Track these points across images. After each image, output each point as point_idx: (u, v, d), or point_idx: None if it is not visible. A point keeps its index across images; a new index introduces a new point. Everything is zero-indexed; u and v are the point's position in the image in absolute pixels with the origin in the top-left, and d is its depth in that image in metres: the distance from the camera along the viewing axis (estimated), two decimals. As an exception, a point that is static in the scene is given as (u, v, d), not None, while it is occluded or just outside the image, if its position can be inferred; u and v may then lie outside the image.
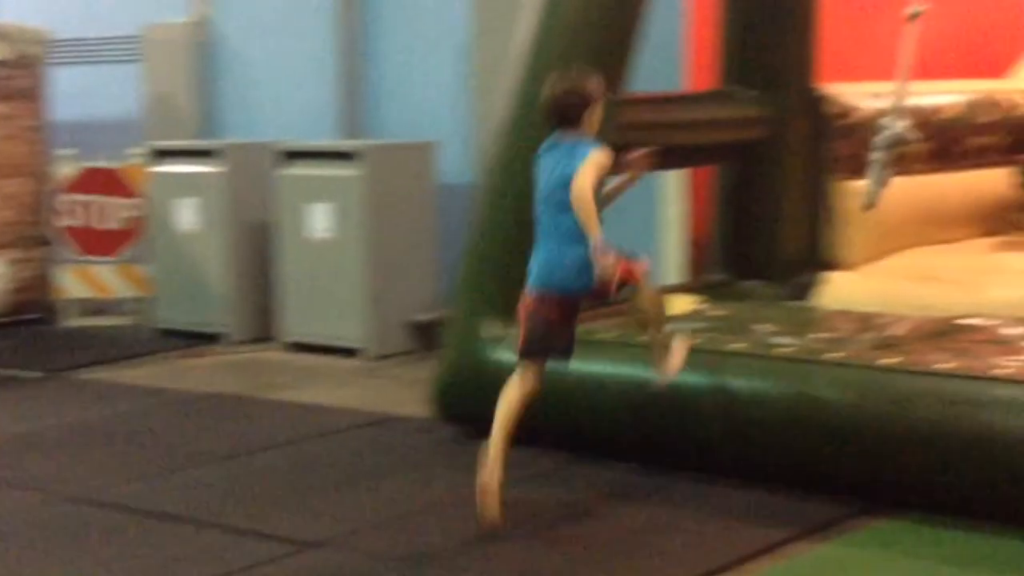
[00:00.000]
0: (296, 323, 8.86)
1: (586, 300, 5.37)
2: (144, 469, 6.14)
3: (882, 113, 6.49)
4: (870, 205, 6.39)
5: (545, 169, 5.37)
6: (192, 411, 7.34)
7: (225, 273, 9.18)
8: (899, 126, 6.33)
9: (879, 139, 6.31)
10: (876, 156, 6.29)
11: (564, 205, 5.15)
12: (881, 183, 6.29)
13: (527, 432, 6.18)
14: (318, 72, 9.91)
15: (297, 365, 8.47)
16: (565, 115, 5.34)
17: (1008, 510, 5.04)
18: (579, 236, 5.10)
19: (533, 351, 5.34)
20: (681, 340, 5.53)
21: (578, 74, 5.43)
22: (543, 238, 5.34)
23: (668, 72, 8.14)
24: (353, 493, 5.71)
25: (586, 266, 5.12)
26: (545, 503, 5.50)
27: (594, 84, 5.38)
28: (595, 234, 5.03)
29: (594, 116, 5.37)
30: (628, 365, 6.00)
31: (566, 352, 5.44)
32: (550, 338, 5.34)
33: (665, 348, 5.50)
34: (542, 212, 5.35)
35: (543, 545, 5.03)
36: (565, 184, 5.15)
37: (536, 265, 5.35)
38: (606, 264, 5.03)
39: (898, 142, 6.44)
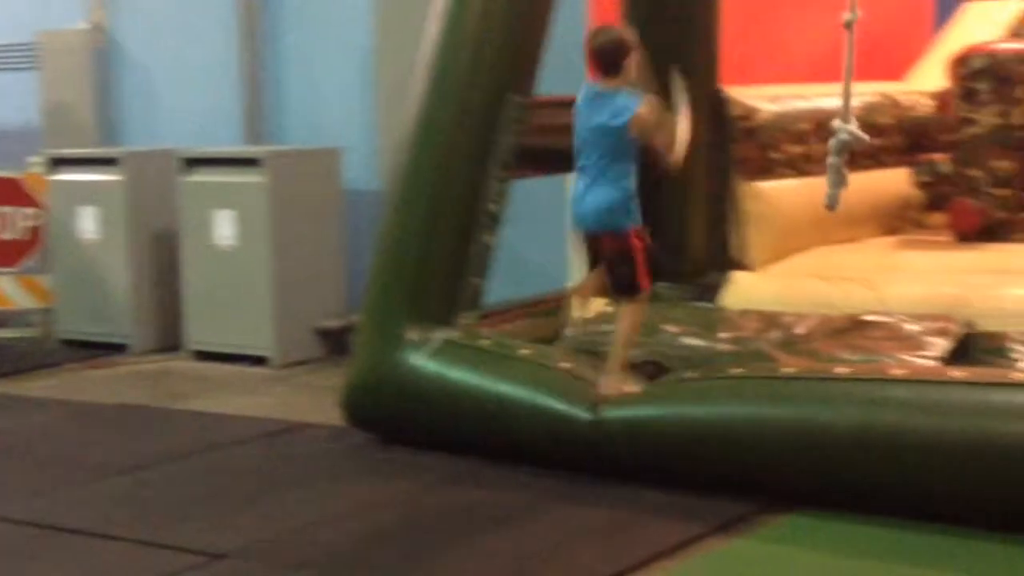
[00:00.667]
0: (203, 332, 8.78)
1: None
2: (48, 483, 6.04)
3: (831, 117, 6.83)
4: (831, 207, 6.71)
5: (585, 115, 5.84)
6: (97, 423, 7.24)
7: (129, 282, 9.07)
8: (848, 128, 6.59)
9: (832, 143, 6.58)
10: (831, 160, 6.57)
11: (609, 149, 5.71)
12: (838, 185, 6.58)
13: (441, 436, 6.22)
14: (220, 78, 9.82)
15: (204, 374, 8.39)
16: (607, 64, 5.80)
17: (905, 504, 5.14)
18: (621, 178, 5.78)
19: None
20: (635, 384, 5.82)
21: (617, 27, 6.04)
22: (578, 180, 5.88)
23: (577, 76, 8.17)
24: (262, 502, 5.66)
25: (610, 208, 5.77)
26: (457, 507, 5.49)
27: (631, 35, 5.92)
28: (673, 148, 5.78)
29: (632, 64, 5.83)
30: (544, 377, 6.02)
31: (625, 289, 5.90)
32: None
33: (618, 364, 5.81)
34: (587, 157, 5.83)
35: (455, 551, 5.02)
36: (609, 130, 5.71)
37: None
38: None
39: (849, 144, 6.67)
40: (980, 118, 7.77)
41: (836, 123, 6.51)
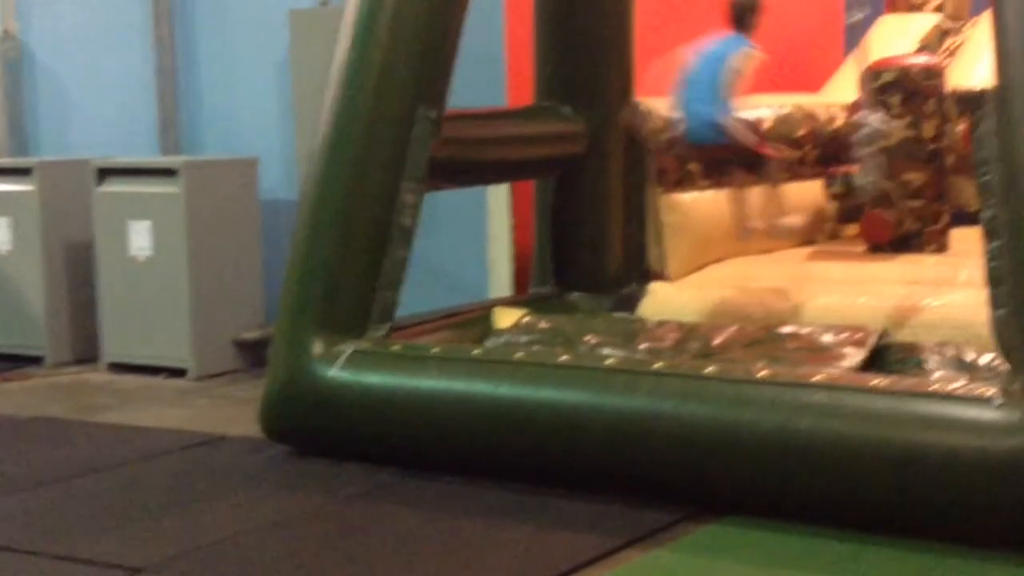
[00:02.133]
0: (119, 344, 8.69)
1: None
2: (-38, 498, 5.95)
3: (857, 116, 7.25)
4: (867, 194, 7.60)
5: (710, 47, 7.48)
6: (10, 436, 7.13)
7: (43, 294, 8.96)
8: (874, 120, 6.91)
9: (860, 135, 6.85)
10: (862, 152, 6.85)
11: (715, 79, 7.36)
12: (874, 174, 6.91)
13: (359, 446, 6.21)
14: (135, 87, 9.72)
15: (121, 386, 8.30)
16: (740, 18, 7.47)
17: (829, 511, 5.20)
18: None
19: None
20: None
21: None
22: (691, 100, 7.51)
23: (492, 89, 8.22)
24: (179, 516, 5.61)
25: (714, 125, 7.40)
26: (377, 518, 5.48)
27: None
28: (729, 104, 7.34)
29: (756, 21, 7.51)
30: (459, 380, 6.04)
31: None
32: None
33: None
34: (699, 81, 7.43)
35: (369, 565, 5.00)
36: (719, 66, 7.34)
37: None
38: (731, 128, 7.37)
39: (878, 135, 6.93)
40: (889, 130, 7.91)
41: (860, 116, 7.09)
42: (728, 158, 7.50)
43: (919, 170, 8.22)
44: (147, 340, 8.57)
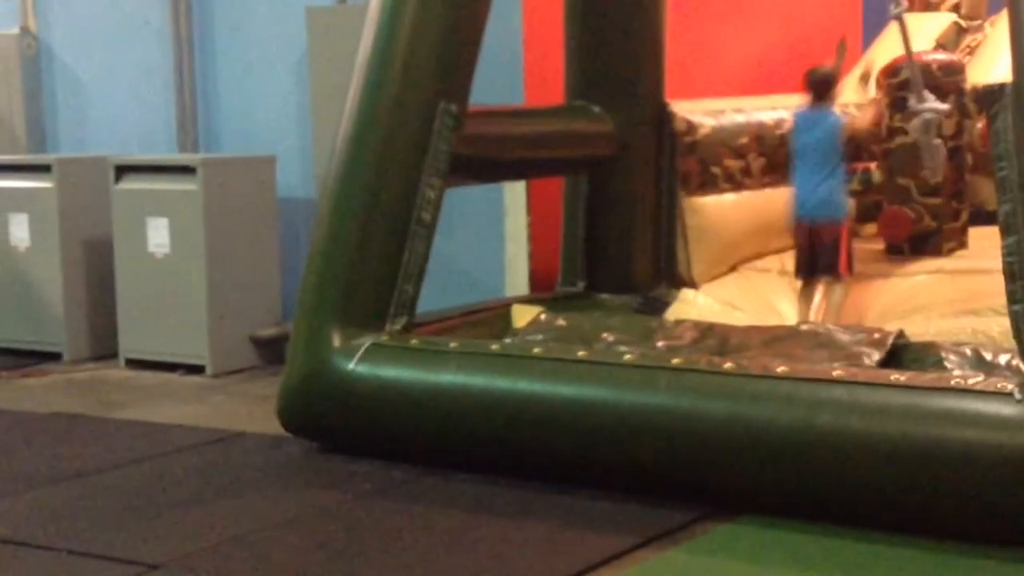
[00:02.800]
0: (137, 340, 8.70)
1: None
2: (-21, 493, 5.97)
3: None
4: (936, 178, 7.56)
5: (802, 130, 7.54)
6: (31, 432, 7.15)
7: (62, 290, 8.98)
8: (927, 104, 6.97)
9: (916, 123, 6.96)
10: (921, 139, 7.17)
11: (823, 156, 7.36)
12: (938, 158, 7.24)
13: (377, 442, 6.22)
14: (153, 85, 9.74)
15: (138, 383, 8.32)
16: (821, 91, 7.49)
17: (846, 510, 5.19)
18: (825, 177, 7.36)
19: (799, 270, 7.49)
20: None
21: (827, 66, 7.63)
22: (799, 181, 7.48)
23: (511, 87, 8.22)
24: (197, 512, 5.62)
25: (829, 201, 7.39)
26: (394, 515, 5.48)
27: (836, 71, 7.66)
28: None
29: (836, 93, 7.69)
30: (477, 375, 6.03)
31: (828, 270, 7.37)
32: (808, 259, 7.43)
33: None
34: (804, 164, 7.44)
35: (389, 563, 5.00)
36: (821, 142, 7.38)
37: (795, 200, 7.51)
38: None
39: (934, 119, 7.01)
40: (910, 127, 7.88)
41: (913, 103, 7.17)
42: (831, 243, 7.36)
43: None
44: (165, 336, 8.58)
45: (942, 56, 8.55)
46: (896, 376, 5.33)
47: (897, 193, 8.18)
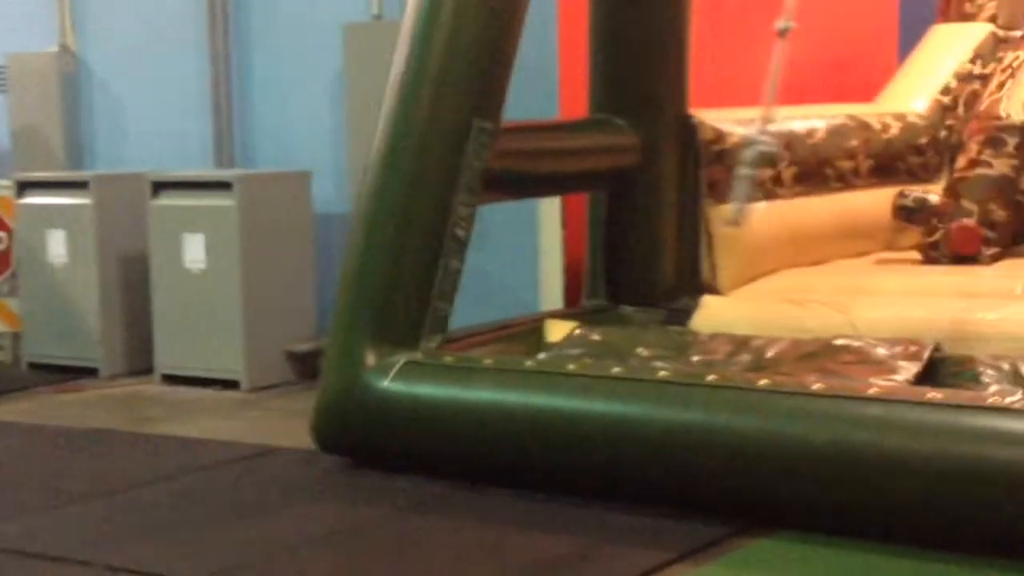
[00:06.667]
0: (173, 356, 8.75)
1: None
2: (20, 507, 6.00)
3: (748, 131, 6.73)
4: (735, 222, 6.57)
5: None
6: (68, 447, 7.19)
7: (98, 306, 9.04)
8: (766, 143, 6.46)
9: (746, 155, 6.45)
10: (743, 172, 6.43)
11: None
12: (747, 200, 6.42)
13: (412, 458, 6.22)
14: (189, 101, 9.80)
15: (175, 398, 8.36)
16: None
17: (879, 527, 5.15)
18: None
19: None
20: None
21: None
22: None
23: (545, 101, 8.23)
24: (231, 528, 5.63)
25: None
26: (429, 531, 5.48)
27: None
28: None
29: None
30: (514, 392, 6.03)
31: None
32: None
33: None
34: None
35: (423, 575, 5.00)
36: None
37: None
38: None
39: (765, 159, 6.59)
40: (996, 163, 7.95)
41: (753, 132, 6.42)
42: None
43: (1004, 208, 8.19)
44: (200, 352, 8.62)
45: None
46: (933, 394, 5.30)
47: (957, 214, 8.19)
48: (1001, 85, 8.96)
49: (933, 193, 8.52)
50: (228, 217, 8.51)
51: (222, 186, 8.59)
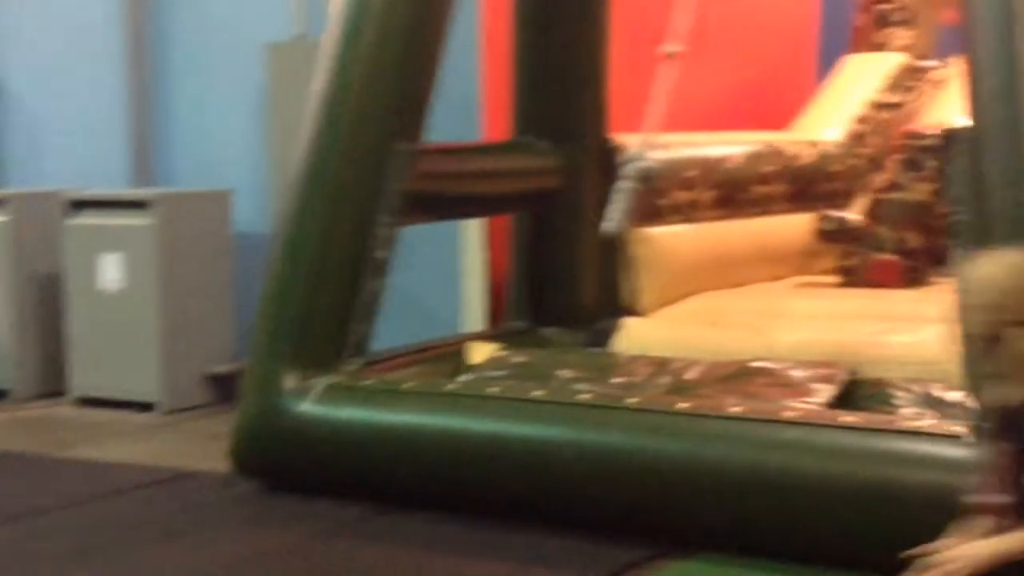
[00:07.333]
0: (87, 377, 8.63)
1: None
2: (-77, 535, 5.89)
3: (633, 148, 6.93)
4: (610, 233, 6.76)
5: None
6: (-23, 471, 7.07)
7: (10, 326, 8.89)
8: (649, 160, 6.65)
9: (628, 169, 6.64)
10: (624, 185, 6.61)
11: None
12: (625, 211, 6.61)
13: (331, 482, 6.18)
14: (108, 119, 9.70)
15: (89, 421, 8.24)
16: None
17: (801, 548, 5.19)
18: None
19: None
20: None
21: None
22: None
23: (466, 125, 8.24)
24: (148, 553, 5.55)
25: None
26: (348, 555, 5.45)
27: None
28: None
29: None
30: (434, 415, 6.02)
31: None
32: None
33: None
34: None
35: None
36: None
37: None
38: None
39: (647, 175, 6.73)
40: (914, 187, 8.05)
41: (637, 149, 6.62)
42: None
43: (920, 233, 8.30)
44: (116, 374, 8.51)
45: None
46: (848, 417, 5.37)
47: (873, 241, 8.29)
48: (915, 111, 9.12)
49: (853, 214, 8.62)
50: (146, 236, 8.42)
51: (140, 205, 8.50)
